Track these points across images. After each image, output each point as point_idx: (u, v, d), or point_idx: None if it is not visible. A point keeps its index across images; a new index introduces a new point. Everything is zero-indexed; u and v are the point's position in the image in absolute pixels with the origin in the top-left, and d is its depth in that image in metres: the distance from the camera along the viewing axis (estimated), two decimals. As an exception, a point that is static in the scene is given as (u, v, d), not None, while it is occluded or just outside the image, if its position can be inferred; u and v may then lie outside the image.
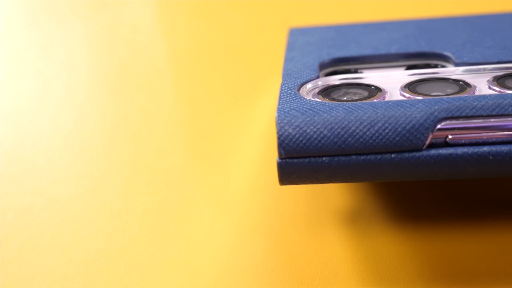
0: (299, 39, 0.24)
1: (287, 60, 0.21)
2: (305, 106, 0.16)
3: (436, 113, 0.16)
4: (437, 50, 0.21)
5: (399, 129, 0.16)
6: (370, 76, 0.19)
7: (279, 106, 0.17)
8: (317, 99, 0.18)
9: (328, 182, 0.16)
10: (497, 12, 0.26)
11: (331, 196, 0.21)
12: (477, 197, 0.20)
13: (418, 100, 0.16)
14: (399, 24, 0.25)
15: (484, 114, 0.16)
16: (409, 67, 0.21)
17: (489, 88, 0.18)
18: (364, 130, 0.16)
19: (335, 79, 0.19)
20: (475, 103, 0.16)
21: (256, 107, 0.27)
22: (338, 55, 0.21)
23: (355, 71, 0.21)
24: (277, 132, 0.16)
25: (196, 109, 0.29)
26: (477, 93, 0.17)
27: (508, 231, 0.19)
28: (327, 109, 0.16)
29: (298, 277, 0.18)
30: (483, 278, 0.17)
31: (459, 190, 0.21)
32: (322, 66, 0.21)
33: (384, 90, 0.18)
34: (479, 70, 0.19)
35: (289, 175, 0.16)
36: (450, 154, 0.16)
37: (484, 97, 0.16)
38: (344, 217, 0.20)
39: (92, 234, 0.20)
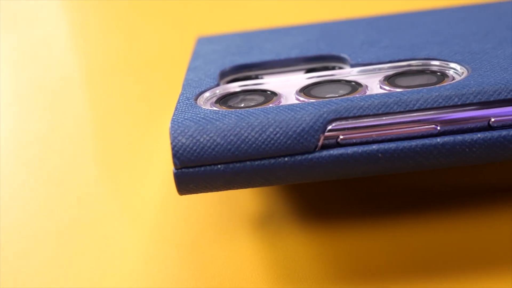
0: (205, 47, 0.24)
1: (190, 69, 0.21)
2: (199, 115, 0.16)
3: (325, 115, 0.16)
4: (335, 52, 0.21)
5: (290, 133, 0.16)
6: (269, 82, 0.20)
7: (174, 117, 0.17)
8: (214, 108, 0.18)
9: (226, 189, 0.16)
10: (396, 12, 0.26)
11: (242, 201, 0.21)
12: (385, 193, 0.20)
13: (309, 103, 0.17)
14: (303, 29, 0.25)
15: (371, 113, 0.16)
16: (308, 71, 0.21)
17: (380, 87, 0.18)
18: (256, 135, 0.16)
19: (235, 86, 0.19)
20: (362, 103, 0.16)
21: (169, 118, 0.27)
22: (240, 62, 0.21)
23: (256, 78, 0.21)
24: (171, 143, 0.16)
25: (108, 123, 0.28)
26: (368, 93, 0.18)
27: (417, 227, 0.19)
28: (220, 117, 0.16)
29: (209, 284, 0.18)
30: (391, 275, 0.17)
31: (368, 187, 0.21)
32: (223, 74, 0.21)
33: (280, 94, 0.18)
34: (373, 70, 0.19)
35: (186, 185, 0.16)
36: (341, 154, 0.16)
37: (371, 96, 0.17)
38: (255, 221, 0.20)
39: (1, 257, 0.20)
